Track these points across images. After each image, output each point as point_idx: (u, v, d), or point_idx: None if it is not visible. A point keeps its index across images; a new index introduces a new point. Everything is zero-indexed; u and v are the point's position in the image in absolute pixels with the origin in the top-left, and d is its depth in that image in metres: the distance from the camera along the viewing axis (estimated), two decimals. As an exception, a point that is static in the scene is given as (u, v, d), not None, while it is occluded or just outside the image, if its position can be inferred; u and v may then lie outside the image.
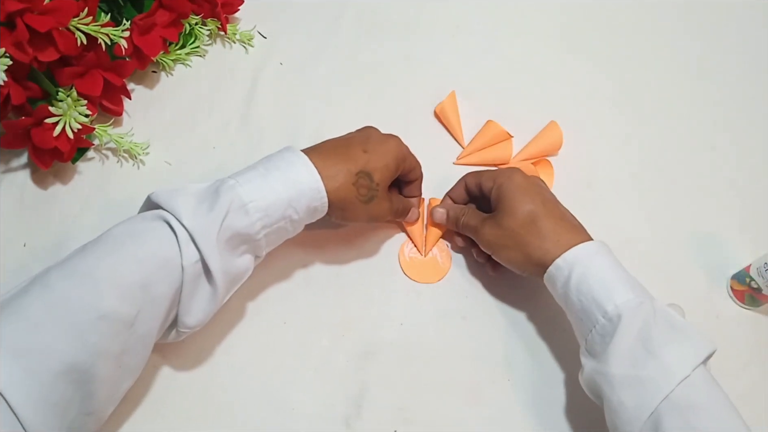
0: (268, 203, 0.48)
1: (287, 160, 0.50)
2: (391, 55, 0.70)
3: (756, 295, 0.58)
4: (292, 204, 0.49)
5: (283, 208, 0.49)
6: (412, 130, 0.66)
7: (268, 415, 0.54)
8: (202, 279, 0.47)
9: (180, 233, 0.45)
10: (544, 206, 0.53)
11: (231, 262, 0.48)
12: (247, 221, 0.47)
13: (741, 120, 0.69)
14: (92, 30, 0.55)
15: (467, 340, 0.58)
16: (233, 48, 0.70)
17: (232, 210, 0.47)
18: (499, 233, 0.54)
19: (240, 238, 0.48)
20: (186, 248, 0.45)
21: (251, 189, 0.48)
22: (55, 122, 0.56)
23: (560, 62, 0.71)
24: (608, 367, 0.46)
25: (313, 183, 0.49)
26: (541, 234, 0.52)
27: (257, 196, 0.47)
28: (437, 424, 0.55)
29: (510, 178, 0.55)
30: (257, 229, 0.48)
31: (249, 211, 0.47)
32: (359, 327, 0.58)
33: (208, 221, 0.46)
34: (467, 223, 0.57)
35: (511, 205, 0.53)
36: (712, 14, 0.75)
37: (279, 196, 0.48)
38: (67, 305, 0.41)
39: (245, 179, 0.48)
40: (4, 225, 0.60)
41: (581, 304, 0.49)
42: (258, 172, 0.49)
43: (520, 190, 0.54)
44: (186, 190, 0.48)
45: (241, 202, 0.47)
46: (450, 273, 0.60)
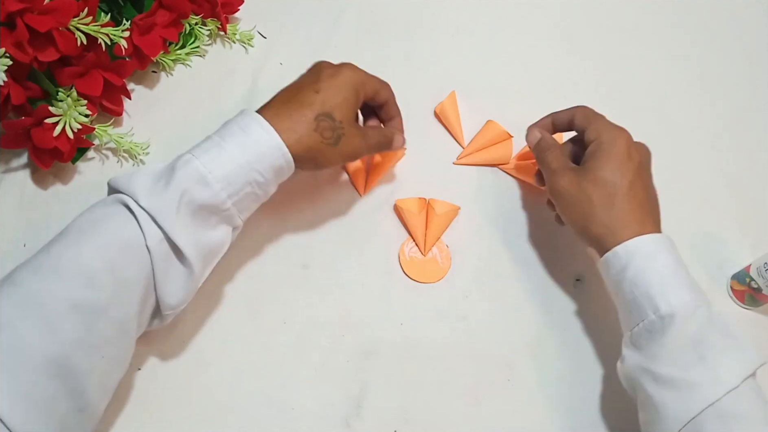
0: (227, 171, 0.47)
1: (241, 124, 0.48)
2: (391, 55, 0.70)
3: (756, 295, 0.58)
4: (254, 167, 0.47)
5: (246, 173, 0.47)
6: (412, 130, 0.66)
7: (268, 415, 0.54)
8: (173, 257, 0.46)
9: (139, 214, 0.45)
10: (631, 185, 0.50)
11: (202, 235, 0.47)
12: (210, 192, 0.46)
13: (741, 120, 0.69)
14: (92, 30, 0.55)
15: (467, 340, 0.58)
16: (233, 48, 0.70)
17: (192, 183, 0.46)
18: (573, 188, 0.51)
19: (207, 209, 0.47)
20: (148, 228, 0.44)
21: (208, 159, 0.46)
22: (55, 122, 0.56)
23: (560, 62, 0.71)
24: (655, 364, 0.46)
25: (271, 142, 0.48)
26: (611, 212, 0.50)
27: (215, 166, 0.46)
28: (437, 424, 0.55)
29: (614, 140, 0.52)
30: (222, 198, 0.47)
31: (209, 182, 0.46)
32: (359, 327, 0.58)
33: (166, 198, 0.45)
34: (550, 162, 0.54)
35: (599, 168, 0.51)
36: (713, 14, 0.75)
37: (238, 162, 0.47)
38: (35, 300, 0.41)
39: (201, 150, 0.47)
40: (4, 225, 0.60)
41: (633, 296, 0.48)
42: (213, 142, 0.48)
43: (617, 157, 0.51)
44: (143, 170, 0.47)
45: (200, 174, 0.46)
46: (450, 273, 0.60)
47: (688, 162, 0.67)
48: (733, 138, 0.68)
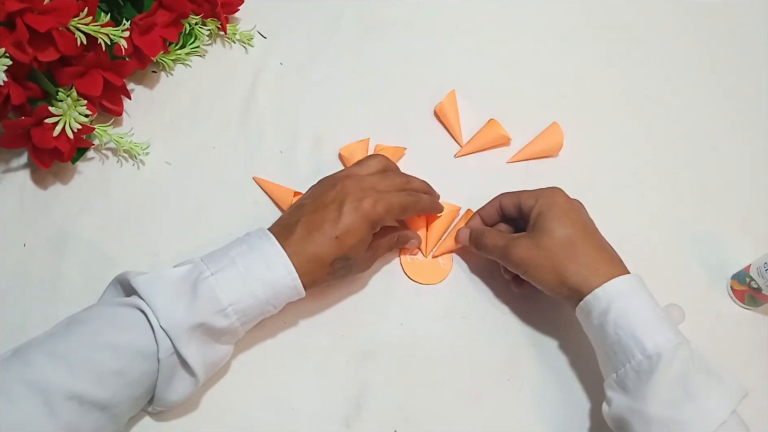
0: (246, 305, 0.49)
1: (267, 258, 0.50)
2: (391, 55, 0.70)
3: (756, 295, 0.58)
4: (270, 302, 0.50)
5: (261, 306, 0.50)
6: (412, 130, 0.66)
7: (268, 415, 0.54)
8: (179, 367, 0.48)
9: (156, 328, 0.47)
10: (585, 232, 0.53)
11: (210, 351, 0.50)
12: (227, 323, 0.49)
13: (741, 120, 0.69)
14: (92, 30, 0.55)
15: (467, 340, 0.58)
16: (233, 48, 0.70)
17: (211, 314, 0.48)
18: (534, 253, 0.52)
19: (220, 332, 0.49)
20: (162, 342, 0.47)
21: (230, 291, 0.48)
22: (55, 122, 0.56)
23: (560, 62, 0.71)
24: (645, 405, 0.46)
25: (291, 282, 0.50)
26: (579, 260, 0.51)
27: (235, 299, 0.48)
28: (437, 424, 0.55)
29: (552, 198, 0.54)
30: (236, 327, 0.50)
31: (228, 314, 0.48)
32: (359, 327, 0.58)
33: (185, 322, 0.47)
34: (494, 242, 0.55)
35: (552, 225, 0.52)
36: (713, 15, 0.75)
37: (257, 299, 0.49)
38: (43, 384, 0.43)
39: (224, 278, 0.48)
40: (4, 225, 0.60)
41: (618, 338, 0.48)
42: (237, 272, 0.49)
43: (562, 212, 0.53)
44: (163, 278, 0.49)
45: (220, 306, 0.48)
46: (450, 273, 0.60)
47: (688, 162, 0.67)
48: (734, 138, 0.68)
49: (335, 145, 0.65)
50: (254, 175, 0.63)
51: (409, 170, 0.64)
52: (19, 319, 0.56)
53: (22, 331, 0.56)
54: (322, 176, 0.62)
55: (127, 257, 0.59)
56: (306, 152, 0.65)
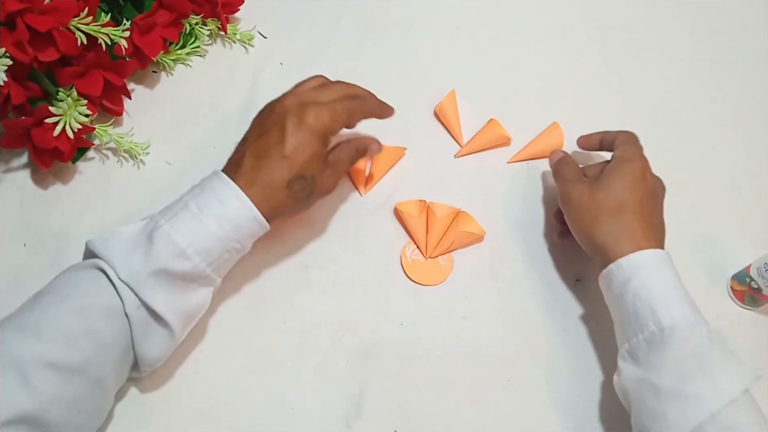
0: (207, 245, 0.48)
1: (218, 195, 0.49)
2: (391, 55, 0.70)
3: (756, 296, 0.58)
4: (233, 237, 0.49)
5: (224, 244, 0.48)
6: (412, 130, 0.66)
7: (268, 415, 0.54)
8: (152, 321, 0.47)
9: (117, 283, 0.46)
10: (640, 203, 0.52)
11: (182, 300, 0.48)
12: (190, 265, 0.47)
13: (741, 120, 0.69)
14: (92, 30, 0.55)
15: (467, 340, 0.58)
16: (233, 48, 0.70)
17: (171, 257, 0.46)
18: (584, 198, 0.53)
19: (187, 278, 0.48)
20: (126, 296, 0.46)
21: (187, 233, 0.47)
22: (56, 122, 0.56)
23: (561, 62, 0.71)
24: (655, 376, 0.46)
25: (249, 214, 0.49)
26: (617, 224, 0.51)
27: (194, 240, 0.47)
28: (437, 424, 0.55)
29: (633, 161, 0.54)
30: (201, 268, 0.48)
31: (189, 255, 0.47)
32: (359, 327, 0.58)
33: (144, 271, 0.46)
34: (565, 173, 0.56)
35: (613, 182, 0.53)
36: (713, 15, 0.75)
37: (217, 236, 0.48)
38: (15, 358, 0.42)
39: (179, 222, 0.47)
40: (4, 225, 0.60)
41: (635, 308, 0.48)
42: (191, 213, 0.48)
43: (631, 176, 0.53)
44: (119, 236, 0.48)
45: (179, 248, 0.47)
46: (450, 273, 0.60)
47: (688, 162, 0.67)
48: (734, 138, 0.68)
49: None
50: (254, 175, 0.63)
51: (409, 170, 0.64)
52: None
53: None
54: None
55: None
56: (306, 152, 0.65)
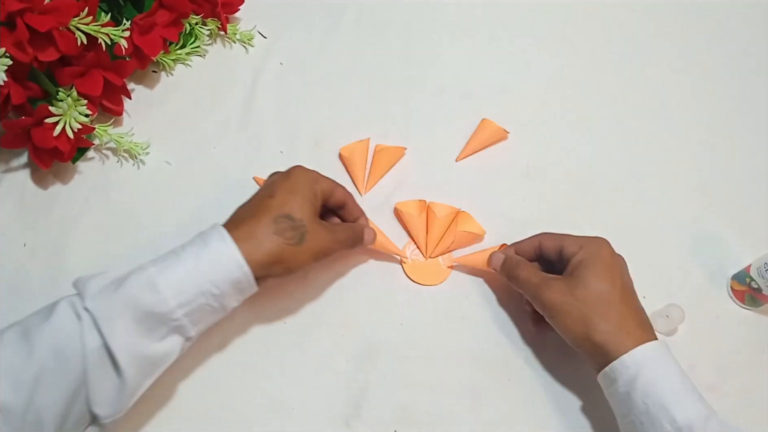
0: (178, 278, 0.45)
1: (204, 235, 0.48)
2: (391, 55, 0.70)
3: (756, 296, 0.58)
4: (209, 278, 0.46)
5: (199, 283, 0.46)
6: (412, 130, 0.66)
7: (268, 415, 0.54)
8: (108, 366, 0.44)
9: (83, 317, 0.44)
10: (622, 291, 0.51)
11: (145, 345, 0.45)
12: (158, 298, 0.44)
13: (741, 120, 0.69)
14: (92, 30, 0.55)
15: (467, 340, 0.58)
16: (233, 48, 0.70)
17: (141, 289, 0.44)
18: (566, 299, 0.50)
19: (154, 318, 0.45)
20: (89, 333, 0.43)
21: (163, 267, 0.46)
22: (56, 122, 0.56)
23: (560, 62, 0.71)
24: None
25: (227, 252, 0.46)
26: (610, 318, 0.49)
27: (168, 273, 0.45)
28: (437, 424, 0.55)
29: (598, 251, 0.52)
30: (172, 307, 0.45)
31: (159, 288, 0.44)
32: (359, 327, 0.58)
33: (112, 301, 0.44)
34: (527, 277, 0.53)
35: (590, 277, 0.51)
36: (712, 15, 0.75)
37: (191, 272, 0.46)
38: None
39: (160, 260, 0.47)
40: (4, 225, 0.60)
41: (646, 407, 0.47)
42: (174, 252, 0.47)
43: (604, 266, 0.51)
44: (103, 274, 0.46)
45: (150, 280, 0.45)
46: (450, 274, 0.60)
47: (688, 162, 0.67)
48: (733, 139, 0.68)
49: (335, 145, 0.65)
50: (254, 175, 0.63)
51: (409, 171, 0.64)
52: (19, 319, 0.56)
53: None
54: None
55: (127, 257, 0.59)
56: (306, 152, 0.65)
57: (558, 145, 0.67)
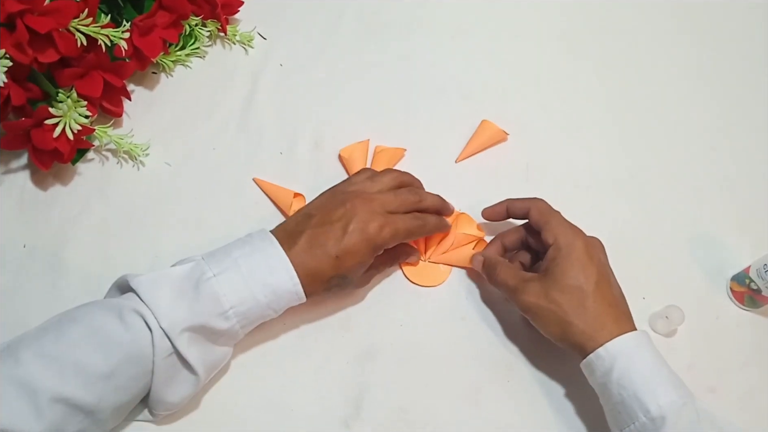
0: (247, 308, 0.49)
1: (270, 262, 0.50)
2: (391, 55, 0.70)
3: (755, 297, 0.58)
4: (271, 306, 0.50)
5: (262, 311, 0.50)
6: (412, 130, 0.66)
7: (267, 416, 0.54)
8: (180, 367, 0.48)
9: (155, 331, 0.46)
10: (597, 287, 0.51)
11: (210, 351, 0.50)
12: (227, 325, 0.49)
13: (740, 120, 0.69)
14: (92, 31, 0.55)
15: (467, 341, 0.58)
16: (233, 49, 0.70)
17: (213, 316, 0.48)
18: (542, 302, 0.51)
19: (219, 334, 0.49)
20: (160, 343, 0.46)
21: (232, 293, 0.48)
22: (55, 123, 0.56)
23: (559, 63, 0.71)
24: None
25: (292, 287, 0.50)
26: (585, 316, 0.50)
27: (237, 302, 0.48)
28: (437, 424, 0.55)
29: (572, 243, 0.52)
30: (236, 329, 0.50)
31: (229, 317, 0.49)
32: (359, 327, 0.58)
33: (185, 324, 0.47)
34: (504, 280, 0.54)
35: (564, 274, 0.51)
36: (712, 17, 0.75)
37: (259, 303, 0.49)
38: (32, 384, 0.43)
39: (226, 280, 0.48)
40: (4, 225, 0.60)
41: (621, 398, 0.48)
42: (240, 274, 0.49)
43: (578, 261, 0.51)
44: (163, 278, 0.48)
45: (222, 309, 0.48)
46: (450, 275, 0.60)
47: (688, 163, 0.67)
48: (733, 139, 0.68)
49: (335, 146, 0.65)
50: (254, 176, 0.63)
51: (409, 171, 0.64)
52: (19, 319, 0.56)
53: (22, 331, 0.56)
54: (321, 178, 0.62)
55: (127, 258, 0.59)
56: (306, 153, 0.65)
57: (558, 146, 0.67)
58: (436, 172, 0.64)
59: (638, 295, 0.59)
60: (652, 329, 0.59)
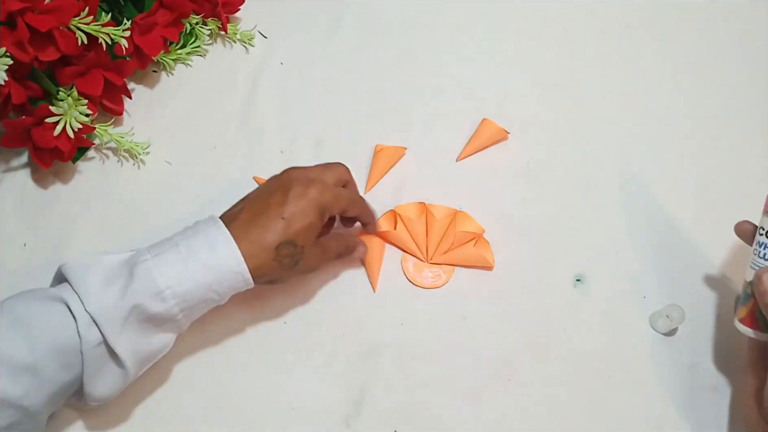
0: (186, 289, 0.46)
1: (210, 239, 0.47)
2: (392, 55, 0.70)
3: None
4: (213, 287, 0.47)
5: (203, 292, 0.47)
6: (412, 130, 0.66)
7: (268, 415, 0.54)
8: (108, 359, 0.45)
9: (80, 317, 0.44)
10: None
11: (145, 341, 0.47)
12: (164, 307, 0.46)
13: (742, 120, 0.69)
14: (93, 29, 0.55)
15: (467, 340, 0.58)
16: (234, 48, 0.70)
17: (147, 297, 0.45)
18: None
19: (156, 320, 0.46)
20: (86, 332, 0.44)
21: (169, 273, 0.46)
22: (56, 122, 0.56)
23: (560, 63, 0.71)
24: None
25: (235, 266, 0.47)
26: None
27: (174, 282, 0.45)
28: (437, 424, 0.55)
29: None
30: (175, 312, 0.46)
31: (165, 297, 0.45)
32: (359, 327, 0.58)
33: (116, 307, 0.44)
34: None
35: None
36: (713, 15, 0.75)
37: (198, 282, 0.46)
38: None
39: (163, 261, 0.46)
40: (4, 225, 0.60)
41: None
42: (179, 255, 0.46)
43: None
44: (98, 264, 0.46)
45: (157, 288, 0.45)
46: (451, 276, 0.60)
47: (688, 162, 0.67)
48: (735, 139, 0.68)
49: (336, 145, 0.65)
50: (254, 175, 0.63)
51: (409, 171, 0.64)
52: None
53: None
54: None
55: (127, 257, 0.59)
56: (307, 152, 0.65)
57: (558, 145, 0.67)
58: (436, 170, 0.64)
59: (639, 293, 0.59)
60: (652, 328, 0.59)
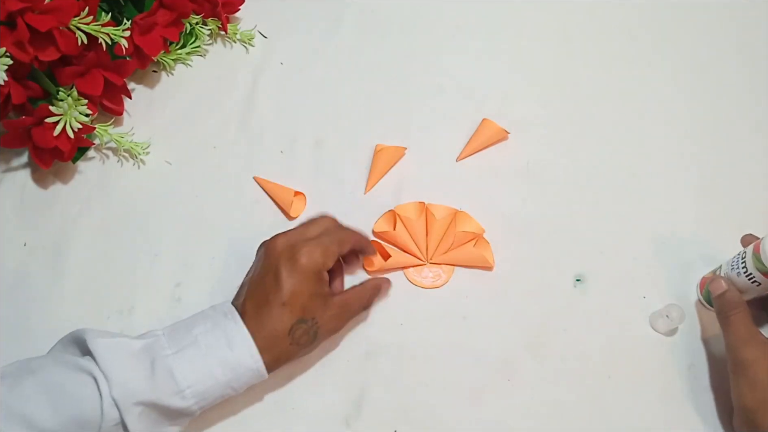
0: (205, 388, 0.47)
1: (229, 337, 0.48)
2: (391, 55, 0.70)
3: None
4: (231, 384, 0.48)
5: (221, 389, 0.48)
6: (412, 129, 0.66)
7: (267, 415, 0.54)
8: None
9: (105, 397, 0.45)
10: None
11: (159, 428, 0.48)
12: (183, 404, 0.47)
13: (742, 120, 0.69)
14: (93, 29, 0.55)
15: (467, 340, 0.58)
16: (234, 48, 0.70)
17: (168, 394, 0.46)
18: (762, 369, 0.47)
19: (174, 413, 0.48)
20: (108, 411, 0.45)
21: (189, 373, 0.47)
22: (56, 122, 0.56)
23: (560, 63, 0.71)
24: None
25: (252, 364, 0.48)
26: None
27: (194, 380, 0.47)
28: (437, 424, 0.55)
29: None
30: (194, 410, 0.48)
31: (186, 396, 0.47)
32: (359, 327, 0.58)
33: (138, 396, 0.46)
34: (737, 326, 0.50)
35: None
36: (713, 15, 0.75)
37: (218, 381, 0.48)
38: None
39: (184, 359, 0.47)
40: (4, 225, 0.60)
41: None
42: (198, 351, 0.47)
43: None
44: (121, 347, 0.47)
45: (178, 388, 0.47)
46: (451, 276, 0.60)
47: (688, 163, 0.67)
48: (734, 138, 0.68)
49: (336, 145, 0.65)
50: (255, 174, 0.63)
51: (409, 171, 0.64)
52: (19, 319, 0.56)
53: (22, 331, 0.56)
54: (322, 176, 0.62)
55: (127, 257, 0.59)
56: (307, 152, 0.65)
57: (558, 145, 0.66)
58: (436, 170, 0.64)
59: (639, 293, 0.59)
60: (652, 328, 0.58)
